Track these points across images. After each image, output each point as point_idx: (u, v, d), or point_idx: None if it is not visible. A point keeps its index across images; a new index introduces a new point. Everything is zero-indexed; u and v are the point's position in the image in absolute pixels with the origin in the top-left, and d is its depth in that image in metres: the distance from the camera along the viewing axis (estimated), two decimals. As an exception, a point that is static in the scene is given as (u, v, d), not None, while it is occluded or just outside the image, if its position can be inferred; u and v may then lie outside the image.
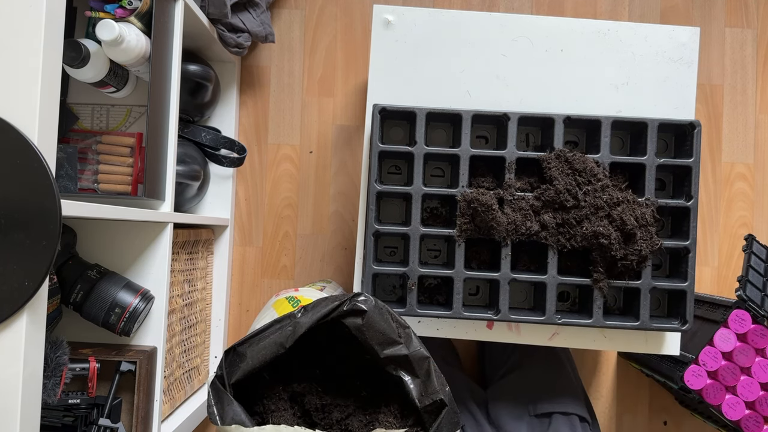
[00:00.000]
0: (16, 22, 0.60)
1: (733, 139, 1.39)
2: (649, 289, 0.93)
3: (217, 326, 1.32)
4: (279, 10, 1.40)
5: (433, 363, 0.75)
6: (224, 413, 0.69)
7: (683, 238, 0.94)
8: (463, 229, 0.92)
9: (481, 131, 1.01)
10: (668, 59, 0.99)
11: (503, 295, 0.92)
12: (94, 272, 0.89)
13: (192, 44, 1.19)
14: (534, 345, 0.99)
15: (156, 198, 0.93)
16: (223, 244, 1.33)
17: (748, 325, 1.01)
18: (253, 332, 0.73)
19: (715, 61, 1.40)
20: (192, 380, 1.19)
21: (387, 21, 0.99)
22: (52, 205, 0.60)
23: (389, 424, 0.77)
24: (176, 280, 1.07)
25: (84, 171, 0.99)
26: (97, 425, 0.85)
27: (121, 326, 0.88)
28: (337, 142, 1.40)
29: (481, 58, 0.99)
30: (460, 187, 0.93)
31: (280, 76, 1.40)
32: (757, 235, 1.34)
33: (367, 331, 0.74)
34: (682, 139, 0.96)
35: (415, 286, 0.93)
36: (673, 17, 1.40)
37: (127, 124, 1.05)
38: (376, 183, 0.94)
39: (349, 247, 1.39)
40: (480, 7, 1.40)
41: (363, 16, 1.39)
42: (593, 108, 0.98)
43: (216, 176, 1.30)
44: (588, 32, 0.99)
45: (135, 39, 0.88)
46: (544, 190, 0.91)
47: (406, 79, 0.99)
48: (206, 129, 1.21)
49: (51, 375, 0.77)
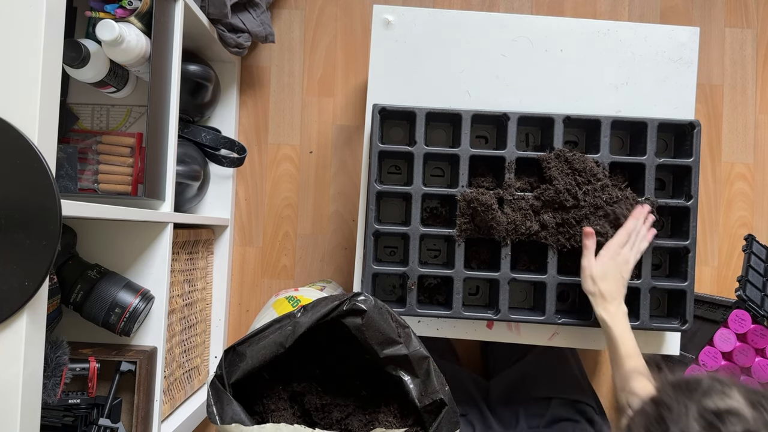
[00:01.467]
0: (16, 22, 0.60)
1: (733, 139, 1.39)
2: (648, 289, 0.93)
3: (217, 326, 1.32)
4: (279, 10, 1.40)
5: (433, 363, 0.75)
6: (224, 413, 0.69)
7: (683, 237, 0.94)
8: (462, 228, 0.92)
9: (480, 131, 1.01)
10: (668, 59, 0.99)
11: (503, 294, 0.92)
12: (94, 272, 0.89)
13: (192, 44, 1.19)
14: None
15: (156, 198, 0.93)
16: (223, 244, 1.33)
17: (748, 325, 1.01)
18: (252, 332, 0.73)
19: (715, 61, 1.40)
20: (192, 380, 1.19)
21: (387, 21, 0.99)
22: (52, 205, 0.60)
23: (389, 424, 0.77)
24: (176, 280, 1.07)
25: (84, 171, 0.99)
26: (97, 425, 0.85)
27: (121, 326, 0.88)
28: (337, 142, 1.40)
29: (481, 58, 0.99)
30: (460, 187, 0.93)
31: (280, 76, 1.40)
32: (757, 235, 1.34)
33: (366, 330, 0.74)
34: (682, 138, 0.96)
35: (414, 285, 0.93)
36: (673, 17, 1.40)
37: (127, 124, 1.05)
38: (376, 183, 0.94)
39: (349, 247, 1.39)
40: (480, 7, 1.40)
41: (363, 16, 1.39)
42: (593, 108, 0.98)
43: (216, 176, 1.30)
44: (588, 32, 0.99)
45: (135, 39, 0.88)
46: (544, 190, 0.91)
47: (406, 79, 0.99)
48: (206, 129, 1.21)
49: (51, 375, 0.77)
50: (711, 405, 0.48)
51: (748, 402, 0.48)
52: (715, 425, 0.46)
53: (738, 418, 0.47)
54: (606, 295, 0.85)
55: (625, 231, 0.88)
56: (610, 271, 0.86)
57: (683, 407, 0.49)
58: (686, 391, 0.51)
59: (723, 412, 0.47)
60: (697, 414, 0.48)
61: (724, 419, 0.47)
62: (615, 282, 0.86)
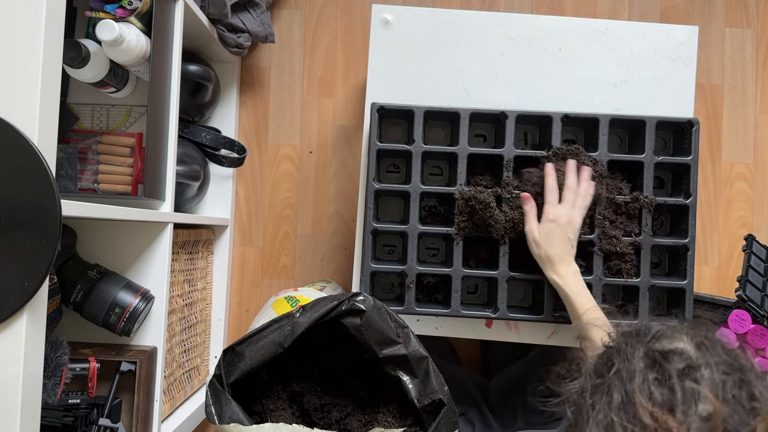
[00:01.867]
0: (16, 22, 0.60)
1: (733, 139, 1.39)
2: (647, 287, 0.93)
3: (217, 326, 1.33)
4: (279, 10, 1.40)
5: (432, 363, 0.75)
6: (222, 412, 0.69)
7: (682, 236, 0.94)
8: (461, 227, 0.92)
9: (479, 130, 1.01)
10: (667, 58, 0.99)
11: (502, 293, 0.92)
12: (94, 272, 0.89)
13: (192, 44, 1.19)
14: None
15: (156, 198, 0.93)
16: (223, 244, 1.33)
17: (748, 325, 1.01)
18: (251, 332, 0.73)
19: (715, 61, 1.40)
20: (192, 380, 1.19)
21: (386, 20, 0.99)
22: (52, 205, 0.60)
23: (388, 424, 0.77)
24: (176, 280, 1.07)
25: (84, 171, 0.99)
26: (97, 425, 0.85)
27: (121, 326, 0.88)
28: (337, 142, 1.40)
29: (480, 58, 0.99)
30: (458, 186, 0.93)
31: (280, 76, 1.40)
32: (757, 235, 1.34)
33: (365, 330, 0.74)
34: (681, 136, 0.96)
35: (413, 284, 0.93)
36: (673, 17, 1.40)
37: (127, 124, 1.05)
38: (375, 181, 0.94)
39: (349, 247, 1.39)
40: (480, 7, 1.40)
41: (363, 16, 1.39)
42: (591, 107, 0.98)
43: (216, 176, 1.30)
44: (586, 31, 0.99)
45: (135, 39, 0.88)
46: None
47: (405, 79, 0.99)
48: (206, 129, 1.21)
49: (51, 375, 0.77)
50: (658, 346, 0.50)
51: (694, 344, 0.50)
52: (659, 362, 0.48)
53: (681, 356, 0.48)
54: (553, 258, 0.85)
55: (550, 189, 0.87)
56: (552, 233, 0.85)
57: (631, 348, 0.51)
58: (636, 335, 0.53)
59: (668, 351, 0.49)
60: (644, 354, 0.50)
61: (668, 358, 0.48)
62: (560, 244, 0.85)
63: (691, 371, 0.47)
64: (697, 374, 0.47)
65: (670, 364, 0.48)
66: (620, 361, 0.50)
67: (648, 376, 0.48)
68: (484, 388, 1.14)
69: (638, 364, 0.49)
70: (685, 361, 0.48)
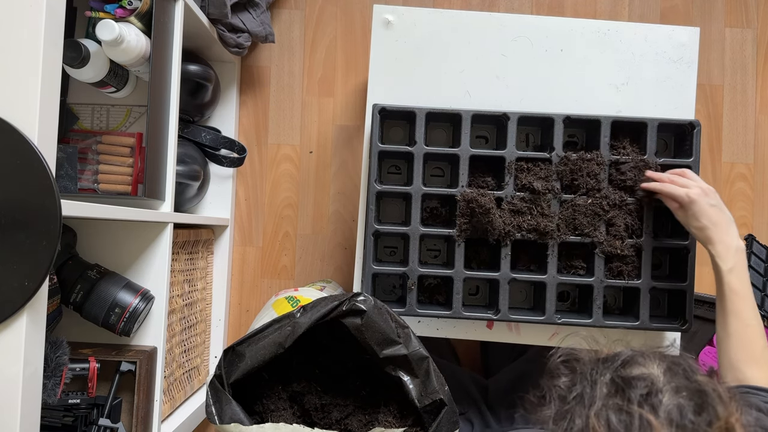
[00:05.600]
0: (16, 22, 0.60)
1: (733, 139, 1.39)
2: (648, 289, 0.93)
3: (217, 326, 1.32)
4: (279, 10, 1.40)
5: (432, 363, 0.75)
6: (222, 412, 0.69)
7: (683, 237, 0.94)
8: (462, 228, 0.92)
9: (480, 131, 1.01)
10: (668, 59, 0.99)
11: (503, 294, 0.92)
12: (94, 272, 0.89)
13: (192, 44, 1.19)
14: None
15: (156, 198, 0.93)
16: (223, 244, 1.33)
17: (747, 325, 1.01)
18: (252, 332, 0.73)
19: (715, 61, 1.40)
20: (192, 380, 1.19)
21: (387, 21, 0.99)
22: (52, 205, 0.60)
23: (388, 424, 0.77)
24: (176, 280, 1.07)
25: (84, 171, 0.99)
26: (97, 425, 0.85)
27: (121, 326, 0.88)
28: (337, 142, 1.40)
29: (481, 58, 0.99)
30: (460, 187, 0.93)
31: (280, 76, 1.40)
32: (757, 235, 1.34)
33: (366, 331, 0.74)
34: (682, 138, 0.96)
35: (414, 285, 0.93)
36: (673, 17, 1.40)
37: (127, 124, 1.05)
38: (376, 183, 0.94)
39: (349, 247, 1.39)
40: (480, 7, 1.40)
41: (363, 16, 1.39)
42: (593, 108, 0.98)
43: (216, 176, 1.30)
44: (588, 32, 0.99)
45: (135, 39, 0.88)
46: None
47: (406, 79, 0.99)
48: (206, 129, 1.21)
49: (51, 375, 0.77)
50: (624, 372, 0.50)
51: (665, 369, 0.50)
52: (621, 387, 0.49)
53: (645, 381, 0.48)
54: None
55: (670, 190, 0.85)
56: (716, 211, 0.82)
57: (597, 374, 0.51)
58: (605, 362, 0.53)
59: (633, 377, 0.49)
60: (609, 379, 0.50)
61: (632, 383, 0.49)
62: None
63: (650, 397, 0.47)
64: (655, 400, 0.47)
65: (632, 390, 0.48)
66: (584, 387, 0.51)
67: (608, 402, 0.48)
68: (483, 387, 1.14)
69: (601, 390, 0.49)
70: (647, 387, 0.48)
